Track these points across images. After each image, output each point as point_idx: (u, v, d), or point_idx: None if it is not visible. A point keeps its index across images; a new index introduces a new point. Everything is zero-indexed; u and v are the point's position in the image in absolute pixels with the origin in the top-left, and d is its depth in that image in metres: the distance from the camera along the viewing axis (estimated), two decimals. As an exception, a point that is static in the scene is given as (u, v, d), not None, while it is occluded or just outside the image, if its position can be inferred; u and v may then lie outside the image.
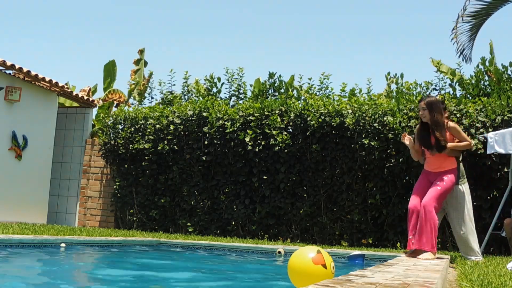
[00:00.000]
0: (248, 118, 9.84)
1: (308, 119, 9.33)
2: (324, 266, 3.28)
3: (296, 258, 3.36)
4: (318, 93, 11.04)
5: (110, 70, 13.62)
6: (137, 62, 13.51)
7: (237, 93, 11.72)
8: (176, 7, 23.91)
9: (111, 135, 10.84)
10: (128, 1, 24.36)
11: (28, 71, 10.15)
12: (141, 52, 13.55)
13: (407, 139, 6.12)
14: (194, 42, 24.92)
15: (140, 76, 13.45)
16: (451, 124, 5.97)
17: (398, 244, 8.86)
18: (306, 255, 3.32)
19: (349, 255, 6.40)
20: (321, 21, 24.07)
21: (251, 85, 11.77)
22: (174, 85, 12.38)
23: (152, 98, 12.91)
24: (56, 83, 10.83)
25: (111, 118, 11.06)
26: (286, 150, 9.47)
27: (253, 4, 23.79)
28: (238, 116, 9.91)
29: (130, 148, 10.55)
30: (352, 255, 6.36)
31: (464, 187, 6.16)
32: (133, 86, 13.34)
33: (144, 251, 6.95)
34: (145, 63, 13.56)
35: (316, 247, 3.45)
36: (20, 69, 9.98)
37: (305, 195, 9.53)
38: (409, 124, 8.79)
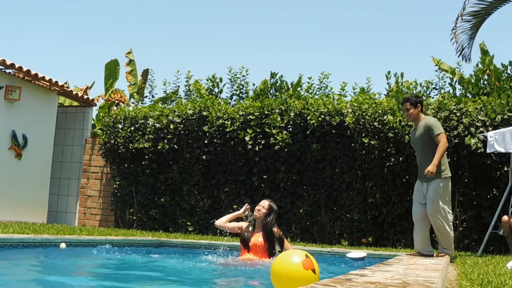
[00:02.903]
0: (248, 117, 9.83)
1: (308, 118, 9.32)
2: (314, 271, 3.05)
3: (283, 263, 3.10)
4: (317, 93, 11.06)
5: (112, 69, 13.66)
6: (129, 64, 13.54)
7: (238, 92, 11.72)
8: (177, 6, 23.90)
9: (111, 134, 10.83)
10: (130, 1, 24.35)
11: (28, 70, 10.14)
12: (129, 53, 13.56)
13: None
14: (196, 42, 24.91)
15: (136, 76, 13.47)
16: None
17: (398, 243, 8.86)
18: (294, 260, 3.07)
19: (352, 258, 6.35)
20: (321, 21, 24.06)
21: (253, 84, 11.78)
22: (178, 86, 12.39)
23: (153, 97, 12.91)
24: (56, 82, 10.82)
25: (111, 118, 11.04)
26: (286, 149, 9.47)
27: (253, 4, 23.78)
28: (238, 115, 9.90)
29: (130, 147, 10.54)
30: (353, 258, 6.31)
31: None
32: (132, 86, 13.36)
33: (144, 250, 6.95)
34: (131, 62, 13.55)
35: (302, 251, 3.20)
36: (20, 68, 9.97)
37: (305, 194, 9.52)
38: (409, 123, 8.78)
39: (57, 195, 11.57)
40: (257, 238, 5.66)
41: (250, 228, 5.78)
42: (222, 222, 5.96)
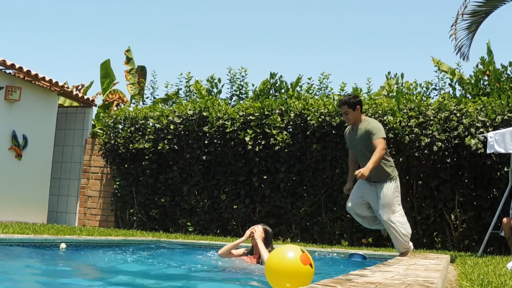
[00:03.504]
0: (248, 118, 9.83)
1: (308, 118, 9.32)
2: (311, 265, 3.03)
3: (280, 259, 3.04)
4: (318, 93, 11.05)
5: (108, 69, 13.62)
6: (128, 62, 13.49)
7: (238, 92, 11.72)
8: (177, 6, 23.91)
9: (111, 134, 10.83)
10: (130, 1, 24.36)
11: (28, 71, 10.15)
12: (128, 51, 13.51)
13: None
14: (196, 42, 24.92)
15: (135, 76, 13.45)
16: None
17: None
18: (291, 255, 3.02)
19: (351, 253, 6.37)
20: (321, 21, 24.07)
21: (253, 85, 11.78)
22: (180, 89, 12.38)
23: (154, 98, 12.90)
24: (56, 82, 10.83)
25: (111, 118, 11.04)
26: (286, 150, 9.46)
27: (253, 4, 23.79)
28: (238, 116, 9.90)
29: (130, 147, 10.54)
30: (353, 254, 6.33)
31: None
32: (131, 86, 13.34)
33: (144, 250, 6.95)
34: (130, 60, 13.50)
35: (296, 246, 3.17)
36: (20, 68, 9.97)
37: (305, 194, 9.52)
38: (409, 124, 8.78)
39: (57, 196, 11.58)
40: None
41: (248, 252, 5.45)
42: (226, 251, 5.53)
